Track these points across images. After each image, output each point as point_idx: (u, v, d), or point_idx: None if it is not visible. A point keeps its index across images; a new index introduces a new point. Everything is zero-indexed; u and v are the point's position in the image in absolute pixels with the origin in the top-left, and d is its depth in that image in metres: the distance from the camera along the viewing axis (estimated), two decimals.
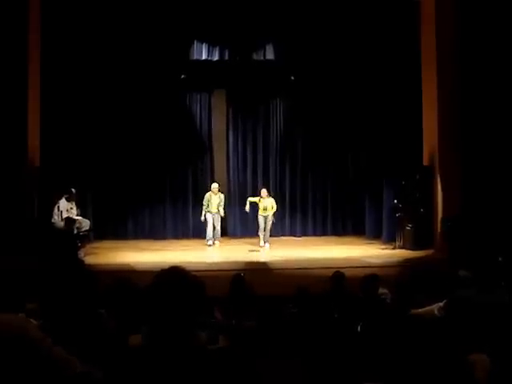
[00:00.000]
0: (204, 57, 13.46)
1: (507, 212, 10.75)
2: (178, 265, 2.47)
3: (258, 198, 12.74)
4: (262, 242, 12.65)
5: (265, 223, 12.64)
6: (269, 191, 13.17)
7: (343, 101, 14.05)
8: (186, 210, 14.54)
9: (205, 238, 13.20)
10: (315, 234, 14.64)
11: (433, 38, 11.71)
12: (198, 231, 14.27)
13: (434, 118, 11.77)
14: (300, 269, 10.38)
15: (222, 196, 12.95)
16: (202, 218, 12.83)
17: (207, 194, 12.88)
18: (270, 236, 12.89)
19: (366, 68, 13.27)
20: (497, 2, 11.13)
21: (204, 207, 12.80)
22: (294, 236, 14.51)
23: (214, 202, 12.72)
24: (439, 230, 11.61)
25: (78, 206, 11.69)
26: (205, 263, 10.64)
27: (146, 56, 13.11)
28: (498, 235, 10.21)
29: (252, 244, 12.90)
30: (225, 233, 14.39)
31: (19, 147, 11.30)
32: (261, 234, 12.66)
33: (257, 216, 12.80)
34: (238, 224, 14.51)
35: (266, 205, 12.59)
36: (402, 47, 12.48)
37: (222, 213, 12.85)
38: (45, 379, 2.20)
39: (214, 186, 12.93)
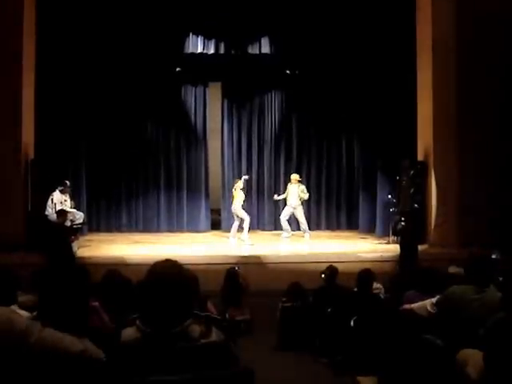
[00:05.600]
0: (199, 50, 13.40)
1: (503, 208, 10.78)
2: (172, 258, 2.47)
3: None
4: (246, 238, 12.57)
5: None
6: (263, 185, 13.14)
7: (338, 95, 14.05)
8: (180, 203, 14.52)
9: (201, 231, 13.46)
10: (309, 228, 14.63)
11: (429, 33, 11.68)
12: (192, 224, 14.30)
13: (429, 113, 11.77)
14: (294, 263, 10.40)
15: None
16: None
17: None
18: (264, 230, 12.84)
19: (361, 62, 13.23)
20: None
21: None
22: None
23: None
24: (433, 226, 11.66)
25: (71, 199, 11.66)
26: (199, 256, 10.62)
27: (141, 49, 13.05)
28: (493, 231, 10.25)
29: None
30: (219, 226, 14.42)
31: (13, 140, 11.26)
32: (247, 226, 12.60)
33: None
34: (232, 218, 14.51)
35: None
36: (398, 42, 12.46)
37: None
38: (38, 367, 2.19)
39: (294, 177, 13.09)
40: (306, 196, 12.95)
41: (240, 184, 12.60)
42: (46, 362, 2.19)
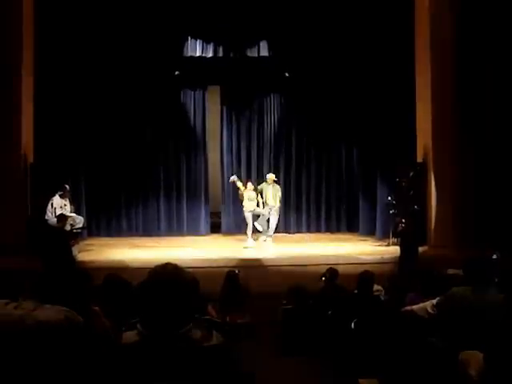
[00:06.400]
0: (198, 53, 13.41)
1: (502, 209, 10.78)
2: (172, 261, 2.47)
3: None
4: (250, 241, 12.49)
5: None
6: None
7: (337, 98, 14.06)
8: (179, 207, 14.52)
9: (201, 234, 13.50)
10: (309, 230, 14.65)
11: (427, 33, 11.69)
12: (192, 227, 14.30)
13: (428, 114, 11.77)
14: (294, 266, 10.39)
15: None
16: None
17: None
18: (260, 232, 12.72)
19: (360, 65, 13.25)
20: None
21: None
22: (288, 233, 14.50)
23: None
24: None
25: (71, 203, 11.66)
26: (199, 260, 10.62)
27: (140, 53, 13.06)
28: (492, 231, 10.25)
29: (246, 241, 12.86)
30: (219, 230, 14.42)
31: (13, 144, 11.26)
32: (249, 232, 12.50)
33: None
34: (232, 221, 14.50)
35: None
36: (396, 45, 12.48)
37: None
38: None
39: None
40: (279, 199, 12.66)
41: (250, 186, 12.50)
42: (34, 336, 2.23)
